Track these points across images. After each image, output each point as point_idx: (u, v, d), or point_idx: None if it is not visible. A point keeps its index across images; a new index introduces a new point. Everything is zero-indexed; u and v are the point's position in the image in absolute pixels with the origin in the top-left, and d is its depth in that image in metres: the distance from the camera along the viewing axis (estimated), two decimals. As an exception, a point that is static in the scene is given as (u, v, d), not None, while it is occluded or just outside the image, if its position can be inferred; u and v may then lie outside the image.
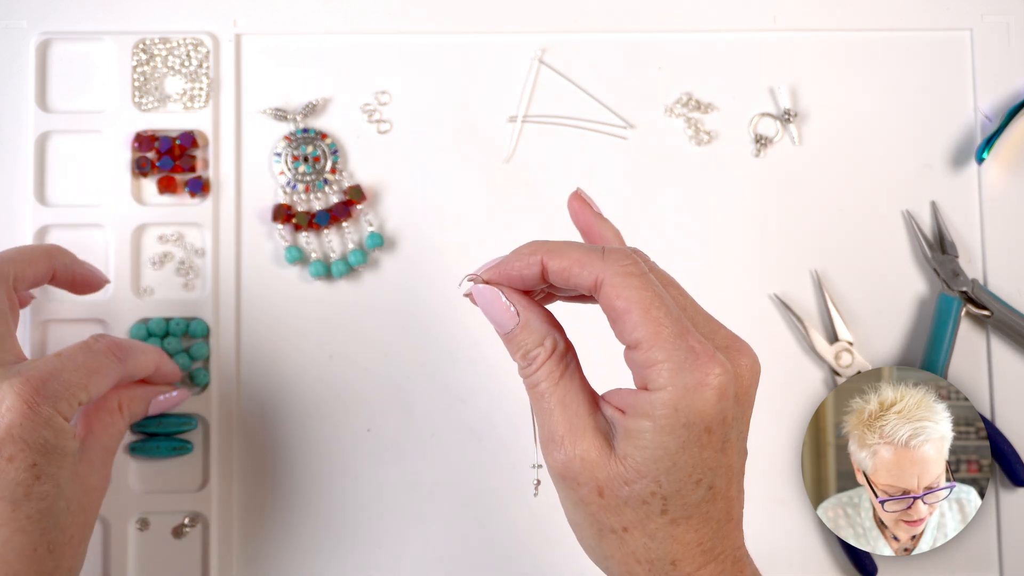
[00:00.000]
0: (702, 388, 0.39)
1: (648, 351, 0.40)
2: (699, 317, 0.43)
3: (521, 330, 0.44)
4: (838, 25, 0.72)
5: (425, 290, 0.69)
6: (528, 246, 0.44)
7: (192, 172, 0.69)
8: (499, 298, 0.45)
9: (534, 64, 0.71)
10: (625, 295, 0.40)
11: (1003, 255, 0.70)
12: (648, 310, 0.40)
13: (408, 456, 0.68)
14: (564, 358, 0.44)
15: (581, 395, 0.43)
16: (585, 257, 0.42)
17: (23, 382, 0.49)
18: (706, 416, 0.40)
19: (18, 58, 0.70)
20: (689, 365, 0.39)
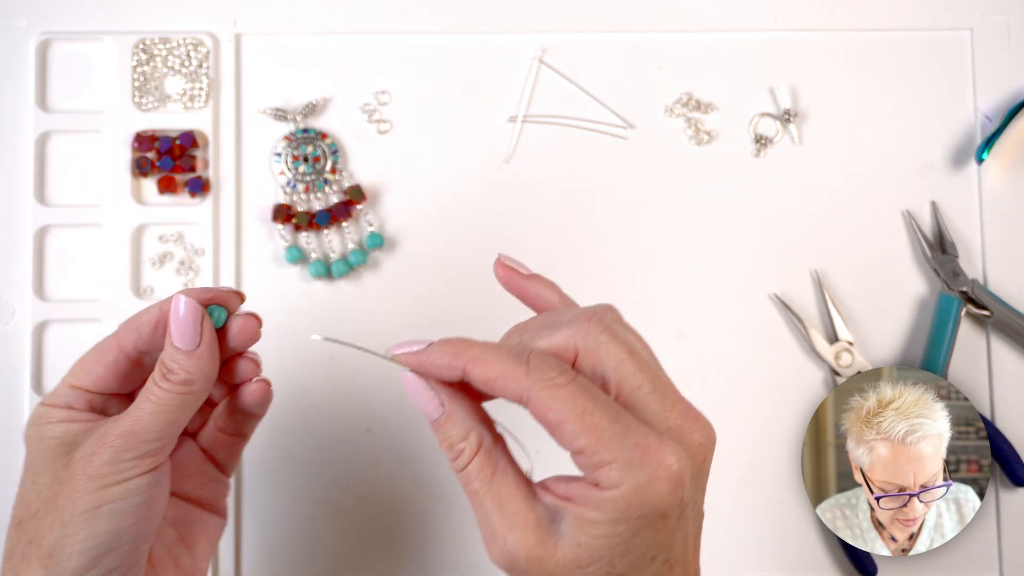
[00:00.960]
0: (654, 482, 0.39)
1: (593, 455, 0.39)
2: (654, 395, 0.41)
3: (446, 421, 0.43)
4: (838, 25, 0.72)
5: (425, 290, 0.69)
6: (452, 346, 0.42)
7: (192, 172, 0.69)
8: (424, 388, 0.43)
9: (534, 64, 0.71)
10: (556, 407, 0.39)
11: (1003, 255, 0.70)
12: (582, 418, 0.39)
13: (408, 456, 0.68)
14: (492, 454, 0.42)
15: (516, 490, 0.41)
16: (510, 370, 0.40)
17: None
18: (661, 506, 0.39)
19: (18, 58, 0.70)
20: (638, 462, 0.39)
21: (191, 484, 0.52)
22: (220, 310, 0.48)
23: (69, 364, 0.67)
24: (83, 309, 0.68)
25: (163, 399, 0.45)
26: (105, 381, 0.48)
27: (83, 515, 0.44)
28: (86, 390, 0.48)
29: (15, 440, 0.67)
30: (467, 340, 0.42)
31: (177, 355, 0.46)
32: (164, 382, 0.46)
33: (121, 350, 0.48)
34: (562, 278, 0.70)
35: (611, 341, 0.41)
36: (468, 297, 0.69)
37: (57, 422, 0.47)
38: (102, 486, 0.44)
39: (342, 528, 0.68)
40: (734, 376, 0.69)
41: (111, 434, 0.45)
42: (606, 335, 0.41)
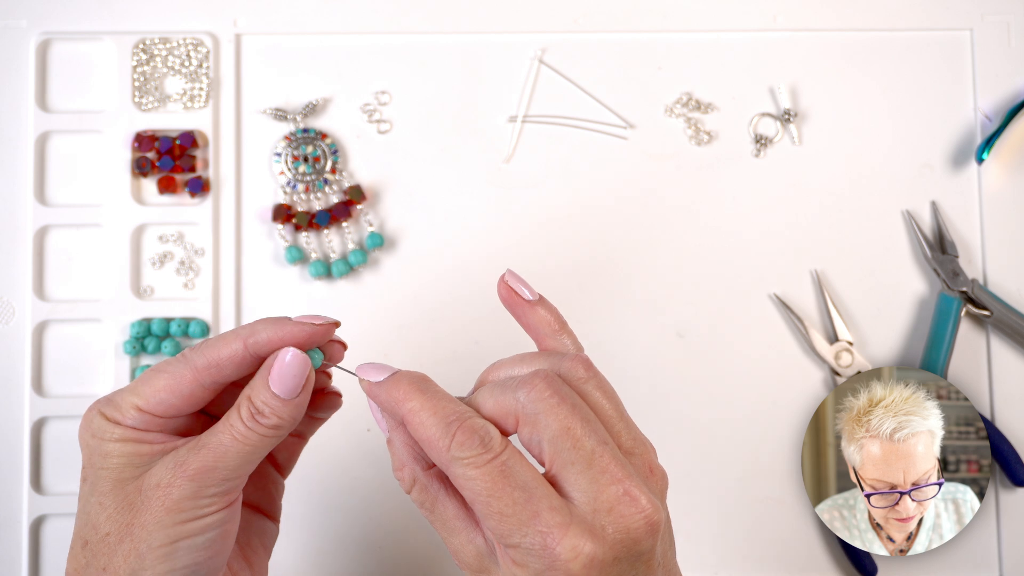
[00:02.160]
0: (552, 572, 0.39)
1: (499, 537, 0.40)
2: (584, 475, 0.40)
3: (389, 445, 0.45)
4: (838, 25, 0.72)
5: (425, 290, 0.69)
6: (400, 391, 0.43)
7: (192, 172, 0.69)
8: (376, 410, 0.46)
9: (534, 64, 0.71)
10: (468, 487, 0.40)
11: (1003, 255, 0.70)
12: (489, 502, 0.40)
13: (408, 456, 0.68)
14: (428, 489, 0.44)
15: (458, 521, 0.43)
16: (436, 441, 0.41)
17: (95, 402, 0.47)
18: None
19: (18, 58, 0.70)
20: (538, 552, 0.39)
21: (251, 488, 0.50)
22: (318, 353, 0.46)
23: (69, 364, 0.68)
24: (83, 309, 0.68)
25: (248, 439, 0.44)
26: (178, 409, 0.45)
27: (161, 548, 0.43)
28: (154, 415, 0.45)
29: (15, 440, 0.67)
30: (415, 387, 0.43)
31: (272, 401, 0.44)
32: (252, 422, 0.44)
33: (197, 383, 0.44)
34: (561, 278, 0.70)
35: (551, 411, 0.41)
36: (468, 297, 0.69)
37: (121, 440, 0.44)
38: (180, 521, 0.43)
39: (342, 528, 0.68)
40: (734, 376, 0.69)
41: (190, 467, 0.43)
42: (552, 402, 0.41)
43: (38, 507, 0.67)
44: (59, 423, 0.68)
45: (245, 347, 0.44)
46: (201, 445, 0.44)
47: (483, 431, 0.41)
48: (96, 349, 0.68)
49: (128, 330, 0.68)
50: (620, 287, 0.70)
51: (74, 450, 0.67)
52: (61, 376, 0.68)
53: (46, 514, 0.67)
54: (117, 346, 0.68)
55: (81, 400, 0.67)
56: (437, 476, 0.44)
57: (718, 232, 0.70)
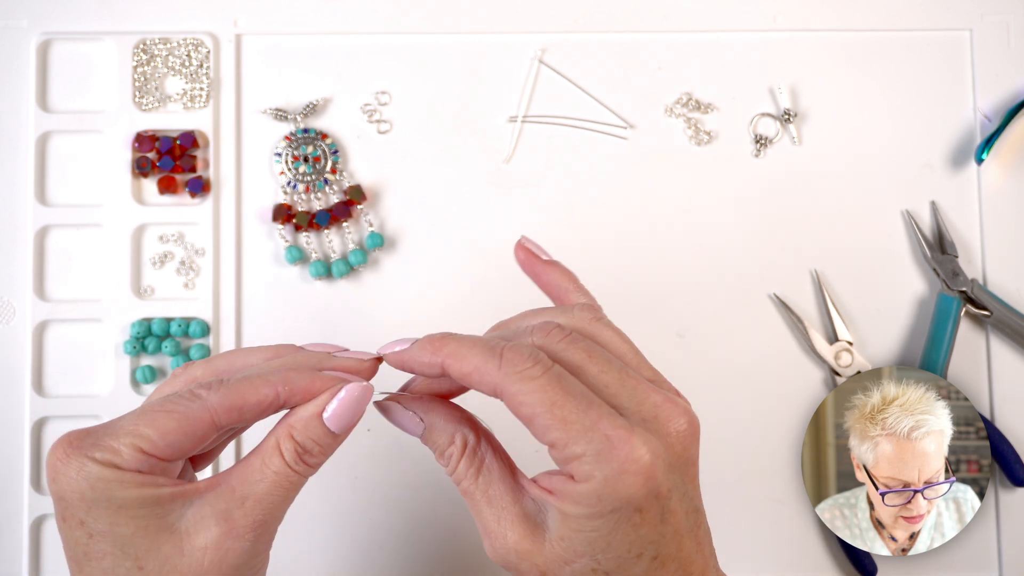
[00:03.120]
0: (623, 475, 0.39)
1: (564, 448, 0.39)
2: (623, 391, 0.41)
3: (429, 433, 0.44)
4: (838, 25, 0.72)
5: (425, 290, 0.69)
6: (431, 343, 0.43)
7: (192, 172, 0.69)
8: (399, 410, 0.45)
9: (534, 64, 0.71)
10: (527, 400, 0.40)
11: (1003, 255, 0.70)
12: (552, 410, 0.39)
13: (408, 456, 0.68)
14: (477, 453, 0.43)
15: (503, 485, 0.42)
16: (484, 365, 0.41)
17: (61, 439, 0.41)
18: (634, 500, 0.39)
19: (18, 58, 0.70)
20: (606, 455, 0.39)
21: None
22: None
23: (69, 364, 0.68)
24: (83, 309, 0.68)
25: (291, 480, 0.42)
26: (186, 453, 0.41)
27: None
28: (160, 459, 0.41)
29: (15, 440, 0.67)
30: (447, 336, 0.43)
31: (326, 438, 0.42)
32: (299, 464, 0.42)
33: (214, 426, 0.41)
34: (562, 278, 0.70)
35: (569, 347, 0.42)
36: (468, 297, 0.69)
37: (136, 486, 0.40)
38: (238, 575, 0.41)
39: (342, 528, 0.68)
40: (734, 376, 0.69)
41: (240, 524, 0.41)
42: (564, 342, 0.42)
43: (38, 507, 0.67)
44: (59, 423, 0.68)
45: (277, 395, 0.42)
46: (242, 496, 0.41)
47: (529, 348, 0.41)
48: (96, 349, 0.68)
49: (128, 330, 0.68)
50: (620, 287, 0.70)
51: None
52: (61, 376, 0.68)
53: (46, 514, 0.67)
54: (117, 346, 0.68)
55: (81, 400, 0.67)
56: (485, 437, 0.44)
57: (718, 232, 0.70)
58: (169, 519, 0.41)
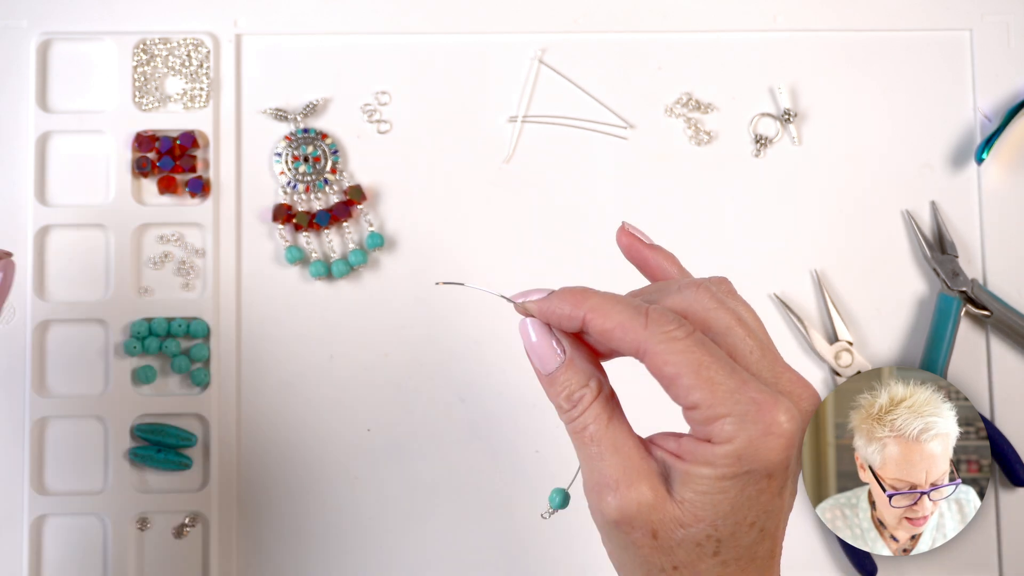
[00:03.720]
0: (767, 438, 0.39)
1: (708, 409, 0.39)
2: (763, 361, 0.42)
3: (566, 369, 0.43)
4: (838, 25, 0.72)
5: (425, 290, 0.69)
6: (572, 295, 0.42)
7: (192, 172, 0.69)
8: (546, 335, 0.43)
9: (534, 64, 0.71)
10: (673, 360, 0.39)
11: (1003, 255, 0.70)
12: (699, 371, 0.39)
13: (408, 456, 0.68)
14: (611, 401, 0.42)
15: (631, 439, 0.42)
16: (629, 322, 0.40)
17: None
18: (770, 464, 0.39)
19: (18, 58, 0.70)
20: (753, 416, 0.39)
21: None
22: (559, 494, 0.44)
23: (69, 364, 0.68)
24: (83, 309, 0.68)
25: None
26: None
27: None
28: None
29: (15, 440, 0.67)
30: (587, 289, 0.42)
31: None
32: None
33: None
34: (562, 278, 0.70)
35: (719, 308, 0.42)
36: (468, 297, 0.69)
37: None
38: None
39: (342, 528, 0.68)
40: (734, 376, 0.69)
41: None
42: (714, 302, 0.42)
43: (38, 507, 0.67)
44: (59, 423, 0.68)
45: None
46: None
47: (671, 312, 0.41)
48: (96, 349, 0.68)
49: (128, 330, 0.68)
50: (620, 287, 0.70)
51: (74, 450, 0.67)
52: (61, 376, 0.68)
53: (46, 514, 0.67)
54: (117, 346, 0.68)
55: (81, 400, 0.67)
56: (614, 393, 0.43)
57: (718, 232, 0.70)
58: None
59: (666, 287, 0.43)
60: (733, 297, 0.43)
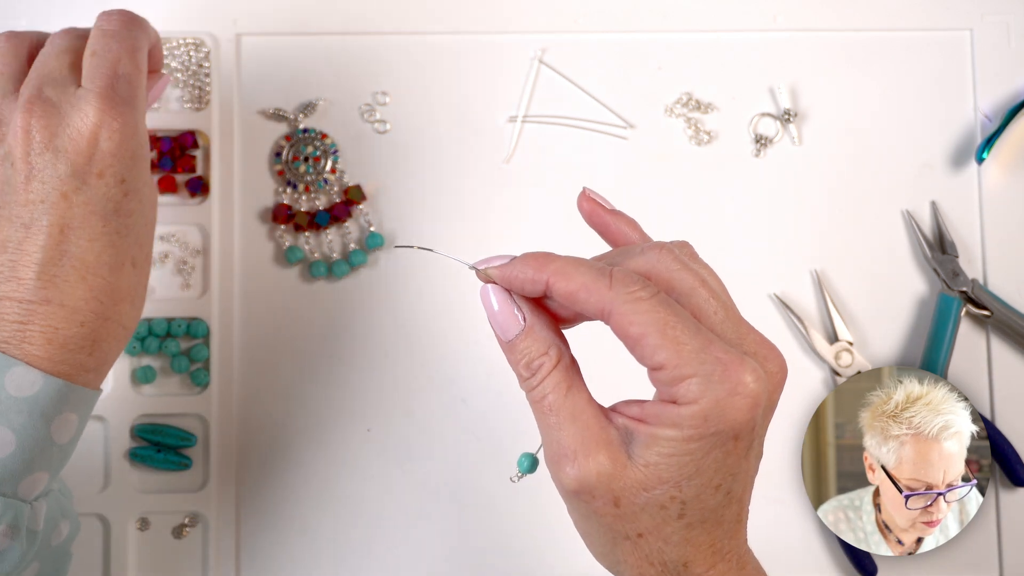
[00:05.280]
0: (733, 398, 0.39)
1: (673, 369, 0.39)
2: (727, 323, 0.42)
3: (526, 336, 0.43)
4: (838, 25, 0.72)
5: (425, 290, 0.69)
6: (535, 259, 0.42)
7: (192, 172, 0.69)
8: (507, 300, 0.43)
9: (534, 64, 0.71)
10: (638, 320, 0.39)
11: (1003, 255, 0.70)
12: (664, 331, 0.39)
13: (409, 456, 0.68)
14: (571, 369, 0.42)
15: (590, 407, 0.42)
16: (592, 283, 0.40)
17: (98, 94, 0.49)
18: (736, 424, 0.39)
19: (18, 58, 0.69)
20: (719, 376, 0.39)
21: None
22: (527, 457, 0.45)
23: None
24: (83, 309, 0.68)
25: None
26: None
27: None
28: None
29: (15, 440, 0.67)
30: (550, 253, 0.42)
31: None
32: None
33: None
34: (562, 278, 0.70)
35: (683, 269, 0.41)
36: (468, 297, 0.69)
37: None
38: None
39: (342, 528, 0.68)
40: (734, 376, 0.69)
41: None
42: (678, 264, 0.42)
43: (38, 507, 0.67)
44: (59, 423, 0.68)
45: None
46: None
47: (635, 274, 0.41)
48: (96, 349, 0.68)
49: (128, 330, 0.68)
50: (620, 287, 0.70)
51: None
52: (61, 376, 0.68)
53: (46, 514, 0.67)
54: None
55: (81, 400, 0.67)
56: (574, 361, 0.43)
57: (718, 232, 0.70)
58: None
59: (629, 250, 0.43)
60: (695, 260, 0.43)
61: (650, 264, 0.42)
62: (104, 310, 0.49)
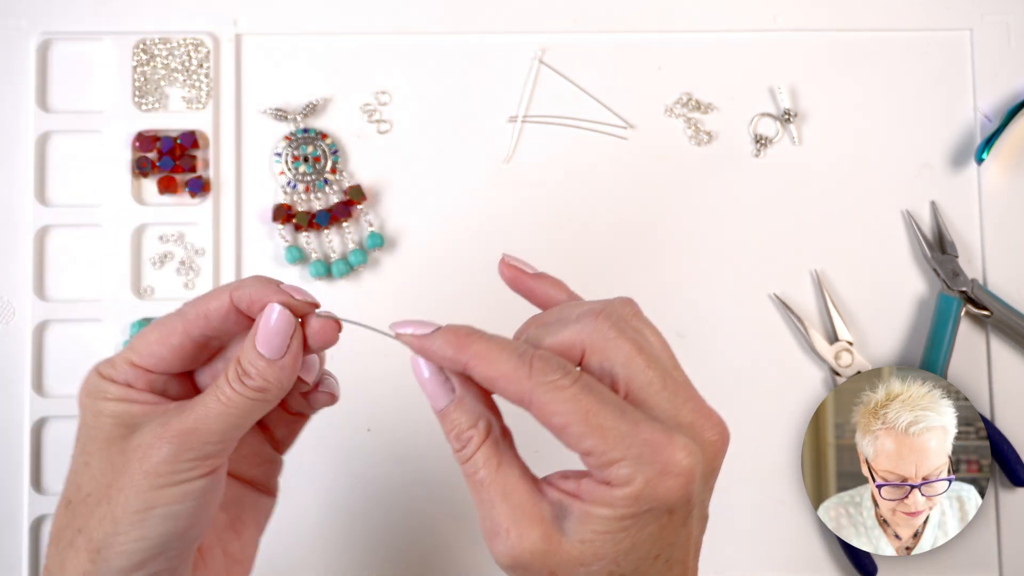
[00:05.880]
0: (665, 477, 0.38)
1: (601, 456, 0.38)
2: (663, 393, 0.40)
3: (456, 407, 0.42)
4: (838, 25, 0.72)
5: (425, 290, 0.69)
6: (455, 339, 0.41)
7: (192, 172, 0.69)
8: (436, 373, 0.43)
9: (534, 64, 0.71)
10: (560, 410, 0.39)
11: (1003, 255, 0.70)
12: (587, 419, 0.38)
13: (408, 456, 0.68)
14: (500, 444, 0.42)
15: (522, 483, 0.41)
16: (512, 373, 0.39)
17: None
18: (670, 501, 0.39)
19: (18, 58, 0.70)
20: (648, 457, 0.38)
21: (245, 464, 0.49)
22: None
23: (69, 364, 0.68)
24: (83, 309, 0.68)
25: (233, 401, 0.42)
26: (168, 364, 0.44)
27: (136, 515, 0.41)
28: (147, 370, 0.44)
29: (15, 440, 0.67)
30: (473, 332, 0.41)
31: (258, 361, 0.42)
32: (238, 384, 0.42)
33: (187, 335, 0.44)
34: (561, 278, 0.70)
35: (619, 337, 0.40)
36: (468, 297, 0.69)
37: (114, 400, 0.43)
38: (157, 486, 0.41)
39: (342, 528, 0.68)
40: (734, 376, 0.69)
41: (171, 429, 0.42)
42: (615, 331, 0.41)
43: (38, 507, 0.67)
44: (59, 423, 0.68)
45: (231, 300, 0.44)
46: (186, 408, 0.43)
47: (558, 358, 0.40)
48: (96, 349, 0.68)
49: (128, 330, 0.68)
50: (620, 287, 0.70)
51: (74, 450, 0.67)
52: (61, 376, 0.68)
53: (46, 514, 0.67)
54: (117, 346, 0.68)
55: (81, 400, 0.67)
56: (506, 434, 0.42)
57: (718, 232, 0.70)
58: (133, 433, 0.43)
59: (565, 315, 0.42)
60: (638, 319, 0.43)
61: (585, 333, 0.41)
62: None
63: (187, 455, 0.42)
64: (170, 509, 0.42)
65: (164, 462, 0.42)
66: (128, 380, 0.44)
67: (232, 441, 0.43)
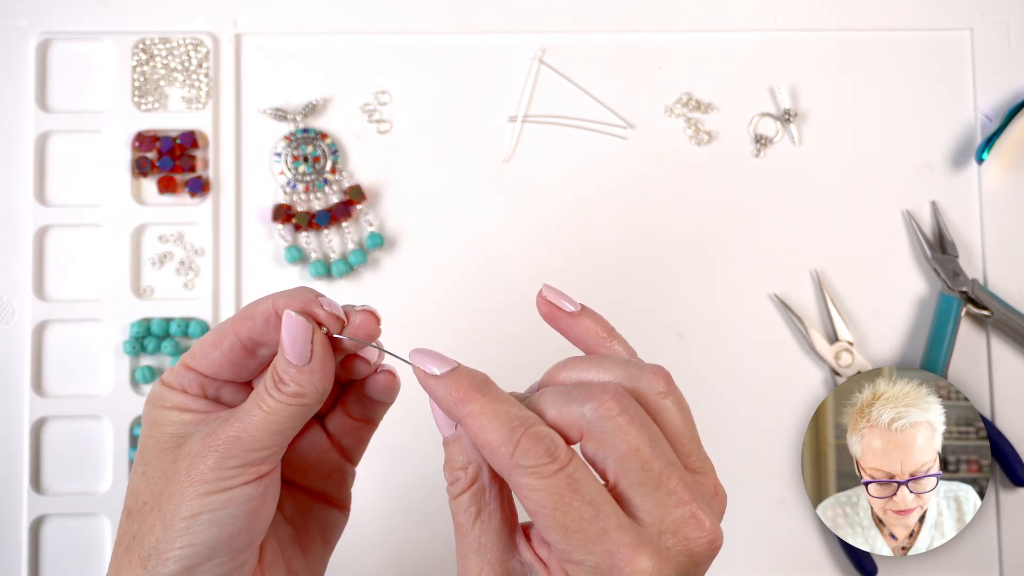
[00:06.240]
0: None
1: (562, 553, 0.38)
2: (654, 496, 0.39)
3: (454, 442, 0.43)
4: (838, 25, 0.72)
5: (425, 290, 0.69)
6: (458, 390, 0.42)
7: (192, 172, 0.69)
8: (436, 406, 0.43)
9: (534, 64, 0.71)
10: (532, 497, 0.38)
11: (1003, 255, 0.70)
12: (555, 515, 0.38)
13: (408, 456, 0.68)
14: (484, 495, 0.42)
15: (497, 539, 0.41)
16: (498, 446, 0.39)
17: None
18: None
19: (18, 58, 0.70)
20: (606, 568, 0.38)
21: (313, 475, 0.49)
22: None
23: (69, 364, 0.68)
24: (83, 309, 0.68)
25: (273, 408, 0.43)
26: (220, 366, 0.45)
27: (183, 521, 0.42)
28: (200, 373, 0.45)
29: (15, 440, 0.67)
30: (476, 389, 0.41)
31: (288, 368, 0.43)
32: (275, 391, 0.43)
33: (236, 336, 0.45)
34: (562, 279, 0.70)
35: (619, 431, 0.39)
36: (468, 297, 0.69)
37: (171, 408, 0.44)
38: (203, 493, 0.42)
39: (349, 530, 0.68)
40: (734, 376, 0.69)
41: (217, 437, 0.43)
42: (624, 417, 0.39)
43: (38, 507, 0.67)
44: (59, 423, 0.68)
45: (274, 305, 0.45)
46: (231, 417, 0.43)
47: (548, 440, 0.39)
48: (96, 349, 0.68)
49: (128, 330, 0.68)
50: (620, 287, 0.70)
51: (74, 450, 0.67)
52: (61, 376, 0.68)
53: (46, 514, 0.67)
54: (117, 346, 0.68)
55: (81, 400, 0.67)
56: (498, 481, 0.42)
57: (718, 232, 0.70)
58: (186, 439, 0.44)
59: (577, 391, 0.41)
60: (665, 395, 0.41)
61: (586, 420, 0.40)
62: None
63: (231, 462, 0.42)
64: (215, 515, 0.42)
65: (210, 469, 0.42)
66: (184, 386, 0.45)
67: (277, 448, 0.44)
